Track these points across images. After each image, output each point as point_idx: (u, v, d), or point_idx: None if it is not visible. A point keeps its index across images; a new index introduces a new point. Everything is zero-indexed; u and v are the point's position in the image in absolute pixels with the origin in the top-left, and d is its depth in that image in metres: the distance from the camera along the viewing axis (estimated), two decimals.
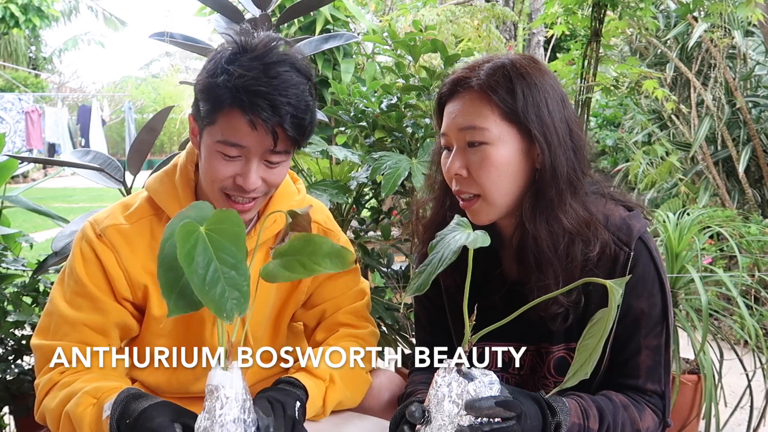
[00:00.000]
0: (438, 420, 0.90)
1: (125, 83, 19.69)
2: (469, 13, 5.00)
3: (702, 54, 3.90)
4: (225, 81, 1.03)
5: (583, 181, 1.07)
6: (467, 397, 0.89)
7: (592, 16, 2.57)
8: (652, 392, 1.08)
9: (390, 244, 2.31)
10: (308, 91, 1.07)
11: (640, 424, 1.05)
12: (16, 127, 13.54)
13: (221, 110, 1.04)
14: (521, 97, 1.02)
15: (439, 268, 0.88)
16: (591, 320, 0.85)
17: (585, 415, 0.99)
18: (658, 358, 1.08)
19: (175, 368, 1.22)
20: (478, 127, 1.03)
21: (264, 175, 1.09)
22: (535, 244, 1.04)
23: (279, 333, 1.32)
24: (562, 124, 1.05)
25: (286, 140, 1.07)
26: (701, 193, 3.77)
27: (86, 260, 1.13)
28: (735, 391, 2.40)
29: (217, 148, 1.07)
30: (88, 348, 1.11)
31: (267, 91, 1.02)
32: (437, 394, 0.91)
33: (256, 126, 1.03)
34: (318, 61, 3.80)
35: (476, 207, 1.07)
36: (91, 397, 1.03)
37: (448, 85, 1.09)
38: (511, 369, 1.17)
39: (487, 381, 0.90)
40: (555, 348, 1.12)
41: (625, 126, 4.93)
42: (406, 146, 2.11)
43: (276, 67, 1.04)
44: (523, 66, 1.06)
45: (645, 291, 1.06)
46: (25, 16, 14.66)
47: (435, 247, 0.92)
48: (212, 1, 2.02)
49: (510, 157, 1.04)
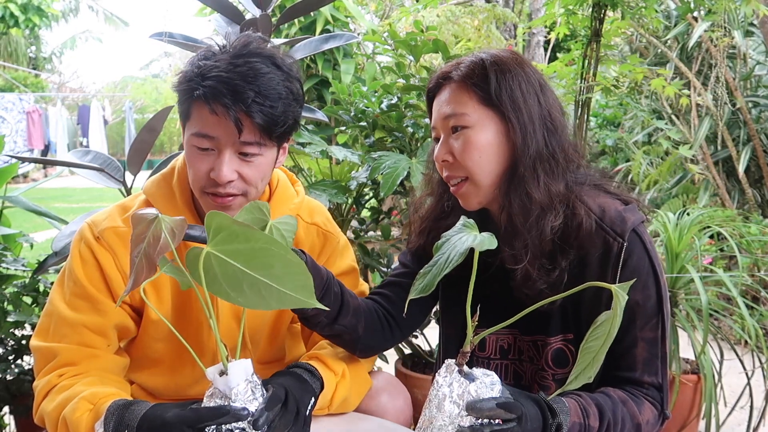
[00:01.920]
0: (438, 420, 0.90)
1: (125, 83, 19.70)
2: (470, 14, 5.01)
3: (702, 54, 3.90)
4: (193, 74, 1.04)
5: (563, 162, 1.11)
6: (468, 398, 0.89)
7: (592, 16, 2.57)
8: (650, 384, 1.09)
9: (390, 244, 2.31)
10: (282, 83, 1.05)
11: (639, 417, 1.06)
12: (17, 127, 13.55)
13: (191, 102, 1.06)
14: (494, 81, 1.10)
15: (445, 270, 0.89)
16: (595, 323, 0.85)
17: (585, 413, 1.00)
18: (654, 351, 1.09)
19: (174, 371, 1.23)
20: (458, 113, 1.11)
21: (239, 169, 1.07)
22: (508, 218, 1.10)
23: (278, 336, 1.32)
24: (536, 106, 1.11)
25: (254, 130, 1.04)
26: (701, 193, 3.77)
27: (85, 262, 1.14)
28: (735, 391, 2.40)
29: (191, 141, 1.08)
30: (88, 350, 1.12)
31: (228, 77, 1.01)
32: (438, 394, 0.91)
33: (218, 113, 1.02)
34: (318, 61, 3.80)
35: (464, 190, 1.13)
36: (87, 403, 1.03)
37: (434, 80, 1.18)
38: (510, 356, 1.19)
39: (489, 381, 0.90)
40: (552, 339, 1.13)
41: (625, 126, 4.93)
42: (406, 146, 2.11)
43: (245, 58, 1.04)
44: (501, 57, 1.14)
45: (639, 283, 1.07)
46: (24, 15, 14.64)
47: (441, 248, 0.93)
48: (212, 1, 2.02)
49: (490, 139, 1.10)
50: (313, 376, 1.10)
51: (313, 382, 1.09)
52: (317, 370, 1.12)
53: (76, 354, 1.11)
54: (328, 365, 1.15)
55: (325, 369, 1.14)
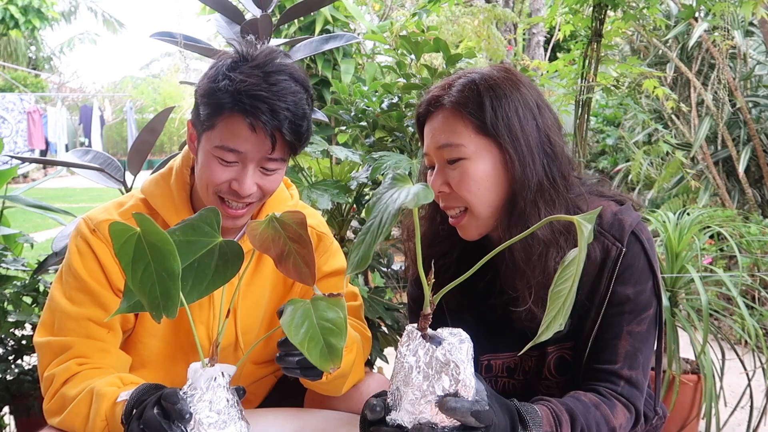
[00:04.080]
0: (408, 395, 0.81)
1: (125, 83, 19.70)
2: (470, 14, 5.01)
3: (702, 54, 3.90)
4: (226, 86, 1.06)
5: (563, 189, 1.07)
6: (437, 364, 0.80)
7: (593, 16, 2.57)
8: (627, 380, 1.06)
9: (390, 244, 2.31)
10: (305, 101, 1.10)
11: (614, 421, 1.03)
12: (17, 127, 13.55)
13: (221, 114, 1.07)
14: (490, 110, 1.04)
15: (380, 237, 0.78)
16: (562, 263, 0.78)
17: (557, 421, 0.97)
18: (639, 345, 1.07)
19: (167, 371, 1.23)
20: (454, 144, 1.05)
21: (259, 182, 1.12)
22: (509, 255, 1.05)
23: (271, 336, 1.32)
24: (534, 132, 1.06)
25: (284, 146, 1.10)
26: (701, 193, 3.77)
27: (82, 255, 1.14)
28: (735, 391, 2.40)
29: (215, 153, 1.09)
30: (98, 343, 1.12)
31: (267, 96, 1.05)
32: (404, 366, 0.82)
33: (256, 129, 1.06)
34: (318, 61, 3.80)
35: (465, 222, 1.09)
36: (119, 381, 1.05)
37: (424, 105, 1.12)
38: (516, 375, 1.18)
39: (457, 341, 0.82)
40: (551, 349, 1.13)
41: (625, 126, 4.93)
42: (406, 146, 2.11)
43: (275, 75, 1.08)
44: (494, 78, 1.07)
45: (632, 278, 1.07)
46: (25, 17, 14.66)
47: (372, 209, 0.82)
48: (213, 2, 2.02)
49: (488, 170, 1.05)
50: None
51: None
52: None
53: (89, 347, 1.11)
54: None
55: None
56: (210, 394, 0.87)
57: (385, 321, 1.95)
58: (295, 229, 0.87)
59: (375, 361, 2.01)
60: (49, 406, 1.10)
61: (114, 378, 1.05)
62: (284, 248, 0.88)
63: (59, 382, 1.09)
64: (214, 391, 0.87)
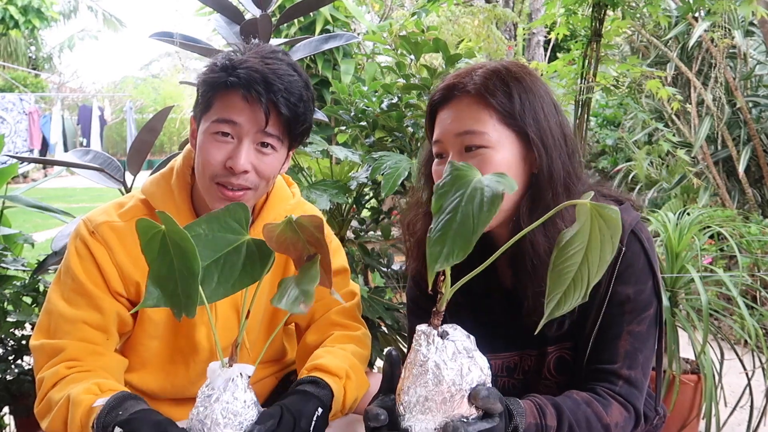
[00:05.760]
0: (435, 397, 0.80)
1: (125, 83, 19.69)
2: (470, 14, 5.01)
3: (702, 54, 3.90)
4: (224, 65, 1.09)
5: (578, 184, 1.07)
6: (460, 357, 0.80)
7: (592, 16, 2.57)
8: (626, 379, 1.05)
9: (390, 244, 2.31)
10: (303, 87, 1.11)
11: (607, 418, 1.02)
12: (17, 127, 13.55)
13: (217, 92, 1.09)
14: (518, 100, 1.02)
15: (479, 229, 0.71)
16: (558, 243, 0.76)
17: (541, 413, 0.96)
18: (639, 345, 1.07)
19: (167, 372, 1.23)
20: (477, 131, 1.02)
21: (255, 162, 1.11)
22: (532, 249, 1.04)
23: (275, 336, 1.32)
24: (557, 128, 1.06)
25: (279, 122, 1.10)
26: (701, 193, 3.77)
27: (81, 257, 1.14)
28: (735, 391, 2.40)
29: (211, 129, 1.10)
30: (90, 346, 1.12)
31: (261, 70, 1.07)
32: (428, 366, 0.80)
33: (249, 100, 1.07)
34: (318, 61, 3.80)
35: None
36: (96, 387, 1.04)
37: (441, 92, 1.08)
38: (516, 375, 1.17)
39: (460, 333, 0.82)
40: (551, 349, 1.13)
41: (625, 126, 4.93)
42: (406, 146, 2.11)
43: (272, 59, 1.11)
44: (517, 71, 1.06)
45: (632, 278, 1.06)
46: (24, 17, 14.67)
47: (441, 200, 0.75)
48: (212, 1, 2.02)
49: (509, 161, 1.03)
50: (318, 386, 1.08)
51: (317, 391, 1.07)
52: (321, 379, 1.10)
53: (81, 350, 1.11)
54: (330, 371, 1.14)
55: (328, 376, 1.12)
56: (228, 394, 0.86)
57: (385, 321, 1.95)
58: (313, 232, 0.86)
59: (375, 361, 2.01)
60: (38, 410, 1.10)
61: (92, 385, 1.04)
62: (303, 251, 0.88)
63: (47, 386, 1.08)
64: (232, 391, 0.87)
